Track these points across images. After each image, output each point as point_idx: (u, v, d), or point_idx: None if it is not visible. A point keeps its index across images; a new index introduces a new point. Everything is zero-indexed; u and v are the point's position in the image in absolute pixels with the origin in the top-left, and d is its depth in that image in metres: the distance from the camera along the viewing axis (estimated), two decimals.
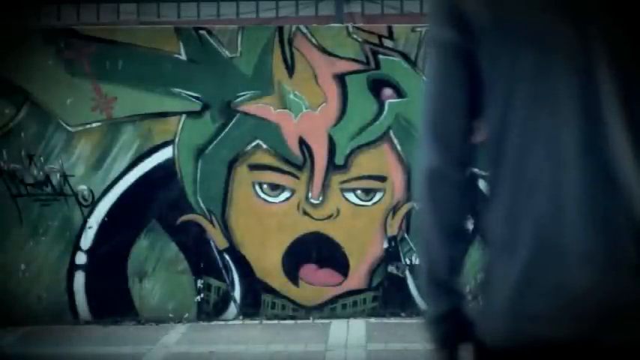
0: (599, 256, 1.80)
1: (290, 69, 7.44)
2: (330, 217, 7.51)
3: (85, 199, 7.49)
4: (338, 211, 7.51)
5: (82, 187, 7.49)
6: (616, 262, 1.80)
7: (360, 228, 7.49)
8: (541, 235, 1.84)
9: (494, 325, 1.89)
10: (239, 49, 7.44)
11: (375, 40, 7.49)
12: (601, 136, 1.81)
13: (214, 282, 7.53)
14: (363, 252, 7.51)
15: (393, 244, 7.50)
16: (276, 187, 7.52)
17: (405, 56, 7.46)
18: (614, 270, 1.80)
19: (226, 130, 7.46)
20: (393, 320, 7.43)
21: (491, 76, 1.91)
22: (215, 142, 7.46)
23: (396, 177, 7.49)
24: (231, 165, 7.48)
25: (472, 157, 2.02)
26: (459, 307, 2.01)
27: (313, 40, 7.45)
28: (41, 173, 7.48)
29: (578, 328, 1.82)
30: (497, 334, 1.88)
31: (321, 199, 7.50)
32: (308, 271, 7.53)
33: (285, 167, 7.49)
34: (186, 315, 7.55)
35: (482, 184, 2.01)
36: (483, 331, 1.92)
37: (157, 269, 7.53)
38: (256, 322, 7.49)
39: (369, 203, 7.52)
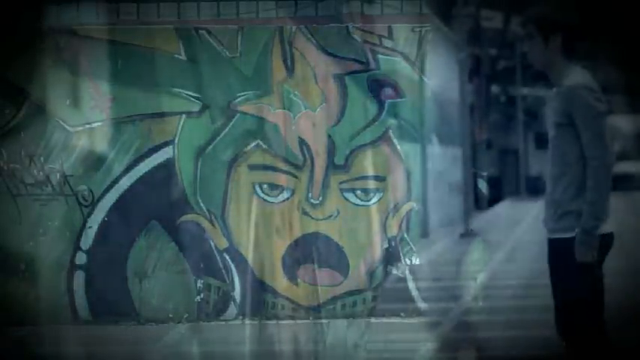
0: None
1: (290, 69, 7.43)
2: (330, 217, 7.50)
3: (85, 199, 7.47)
4: (338, 211, 7.49)
5: (82, 187, 7.48)
6: None
7: (360, 228, 7.48)
8: None
9: None
10: (239, 49, 7.43)
11: (375, 40, 7.48)
12: None
13: (214, 282, 7.52)
14: (363, 252, 7.50)
15: (393, 244, 7.49)
16: (275, 187, 7.51)
17: (405, 56, 7.45)
18: None
19: (226, 130, 7.45)
20: (393, 320, 7.42)
21: None
22: (215, 142, 7.45)
23: (396, 177, 7.47)
24: (231, 165, 7.47)
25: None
26: None
27: (313, 40, 7.44)
28: (41, 173, 7.46)
29: None
30: None
31: (321, 199, 7.49)
32: (308, 271, 7.52)
33: (285, 167, 7.47)
34: (186, 315, 7.53)
35: (482, 184, 2.01)
36: None
37: (156, 269, 7.51)
38: (256, 322, 7.48)
39: (369, 203, 7.51)
